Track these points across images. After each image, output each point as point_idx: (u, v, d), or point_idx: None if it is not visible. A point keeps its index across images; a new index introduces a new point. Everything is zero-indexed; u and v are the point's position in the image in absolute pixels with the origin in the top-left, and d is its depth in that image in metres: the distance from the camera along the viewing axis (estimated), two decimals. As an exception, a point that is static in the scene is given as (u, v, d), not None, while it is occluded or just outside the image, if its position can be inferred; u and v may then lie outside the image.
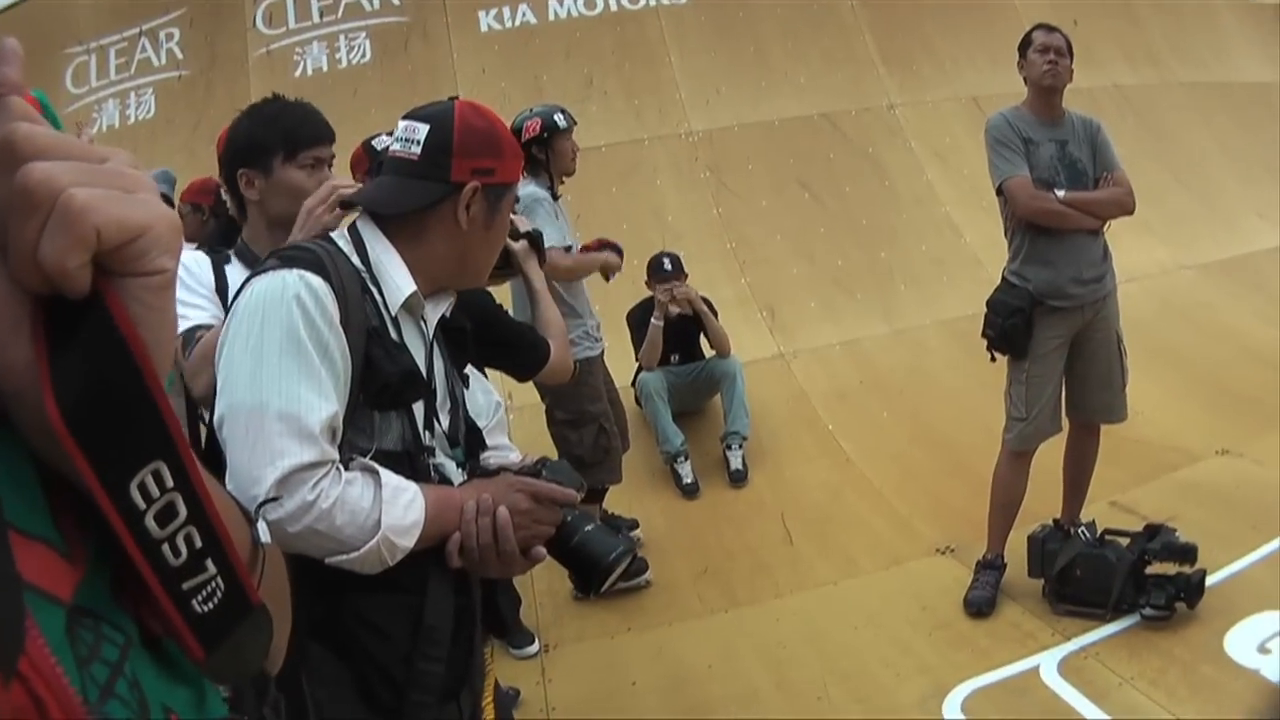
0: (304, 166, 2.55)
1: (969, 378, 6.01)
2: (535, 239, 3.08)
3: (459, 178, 1.90)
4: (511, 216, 2.11)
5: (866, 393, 6.57)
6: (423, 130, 1.90)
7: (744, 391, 6.08)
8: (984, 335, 4.46)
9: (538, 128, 4.68)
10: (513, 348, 3.11)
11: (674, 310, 5.94)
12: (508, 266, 2.99)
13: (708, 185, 7.78)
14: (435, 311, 1.97)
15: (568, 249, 4.52)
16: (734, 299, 7.08)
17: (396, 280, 1.88)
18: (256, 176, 2.56)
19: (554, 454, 4.23)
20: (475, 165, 1.91)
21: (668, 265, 6.05)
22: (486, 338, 2.72)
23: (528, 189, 4.49)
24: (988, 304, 4.44)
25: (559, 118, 4.71)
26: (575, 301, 4.69)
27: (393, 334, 1.85)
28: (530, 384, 3.93)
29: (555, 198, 4.66)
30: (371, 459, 1.77)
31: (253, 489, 1.62)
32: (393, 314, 1.87)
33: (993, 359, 4.50)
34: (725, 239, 7.53)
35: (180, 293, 2.26)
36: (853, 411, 6.41)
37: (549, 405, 4.80)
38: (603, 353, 4.93)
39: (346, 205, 2.07)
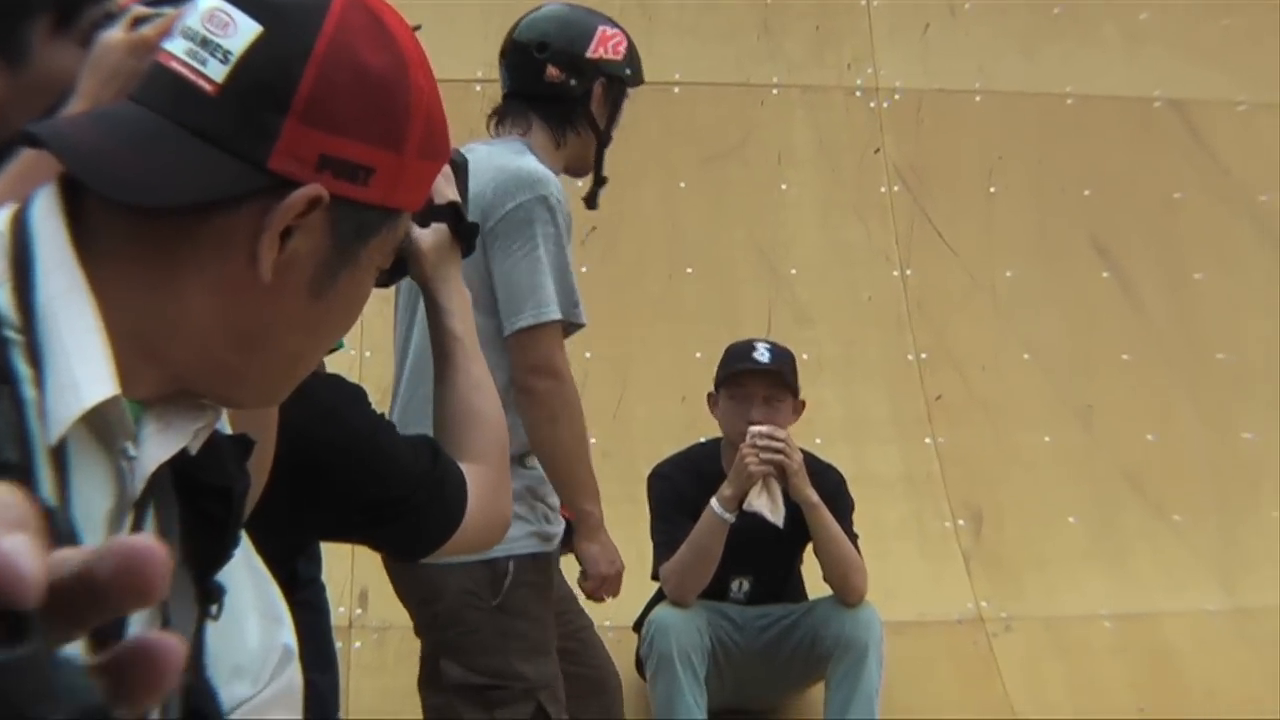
0: (84, 41, 2.14)
1: None
2: (457, 218, 2.06)
3: (284, 166, 1.09)
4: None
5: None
6: (244, 30, 1.11)
7: (877, 685, 4.26)
8: None
9: (623, 50, 3.23)
10: (388, 506, 1.95)
11: (758, 470, 4.00)
12: (396, 270, 2.10)
13: (891, 210, 5.85)
14: (162, 444, 1.16)
15: (570, 329, 3.20)
16: (899, 478, 5.25)
17: (75, 361, 1.12)
18: None
19: None
20: (331, 148, 1.11)
21: (764, 357, 4.20)
22: (326, 491, 1.87)
23: (526, 162, 3.06)
24: None
25: None
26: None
27: (45, 485, 1.12)
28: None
29: (588, 203, 3.40)
30: None
31: None
32: (52, 439, 1.12)
33: None
34: (908, 338, 5.60)
35: None
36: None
37: (428, 646, 3.33)
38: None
39: (32, 141, 1.24)
